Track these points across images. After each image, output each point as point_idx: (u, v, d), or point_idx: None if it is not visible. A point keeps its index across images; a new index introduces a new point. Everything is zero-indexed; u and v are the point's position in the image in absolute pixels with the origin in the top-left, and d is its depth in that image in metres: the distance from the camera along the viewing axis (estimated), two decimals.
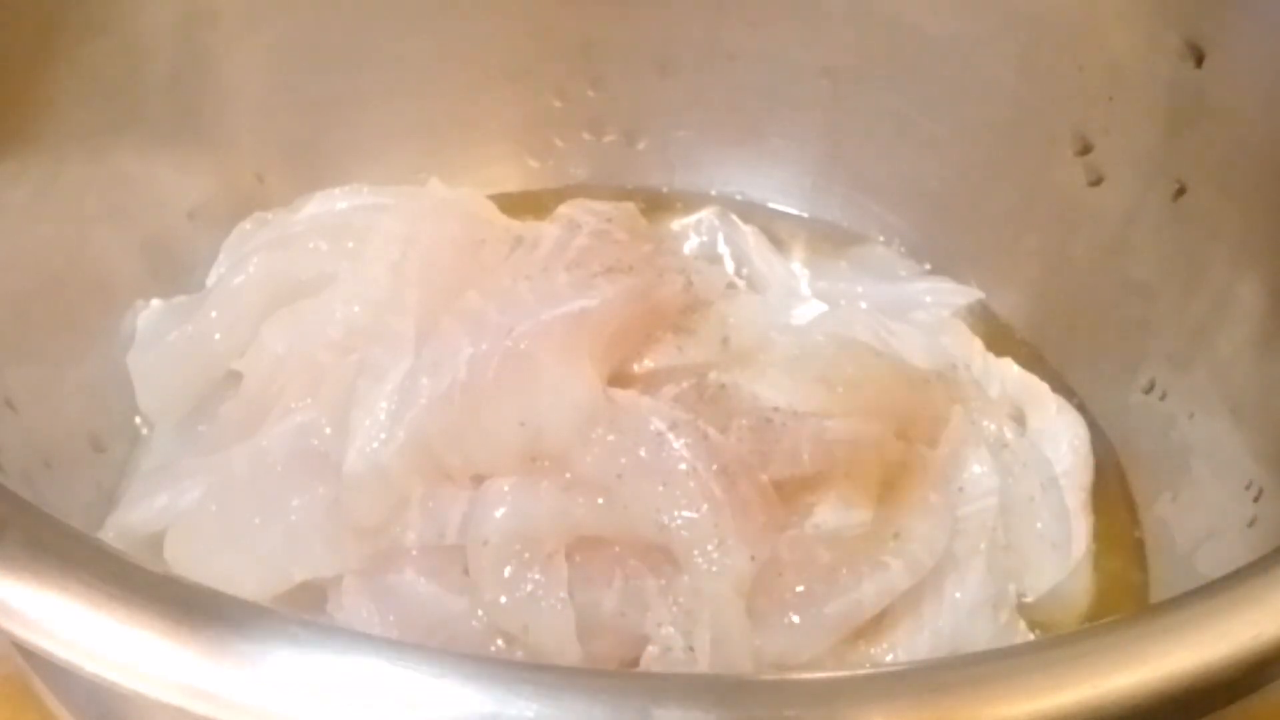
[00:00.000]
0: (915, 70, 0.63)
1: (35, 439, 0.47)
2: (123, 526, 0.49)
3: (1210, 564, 0.49)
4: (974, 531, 0.48)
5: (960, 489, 0.49)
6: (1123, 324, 0.57)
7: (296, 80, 0.62)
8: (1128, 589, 0.52)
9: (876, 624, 0.45)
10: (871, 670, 0.38)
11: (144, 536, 0.48)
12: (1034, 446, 0.53)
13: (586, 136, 0.69)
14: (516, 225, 0.58)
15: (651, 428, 0.46)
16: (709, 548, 0.43)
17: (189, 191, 0.58)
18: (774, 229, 0.67)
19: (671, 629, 0.42)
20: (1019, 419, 0.55)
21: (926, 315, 0.62)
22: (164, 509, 0.49)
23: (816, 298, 0.64)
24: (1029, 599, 0.50)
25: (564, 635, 0.43)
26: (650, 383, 0.49)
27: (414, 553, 0.46)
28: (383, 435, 0.46)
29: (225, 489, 0.47)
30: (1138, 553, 0.54)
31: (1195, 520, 0.51)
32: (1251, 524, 0.46)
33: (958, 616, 0.46)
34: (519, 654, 0.43)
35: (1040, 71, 0.58)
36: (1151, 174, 0.54)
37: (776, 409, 0.48)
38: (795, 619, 0.44)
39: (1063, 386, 0.58)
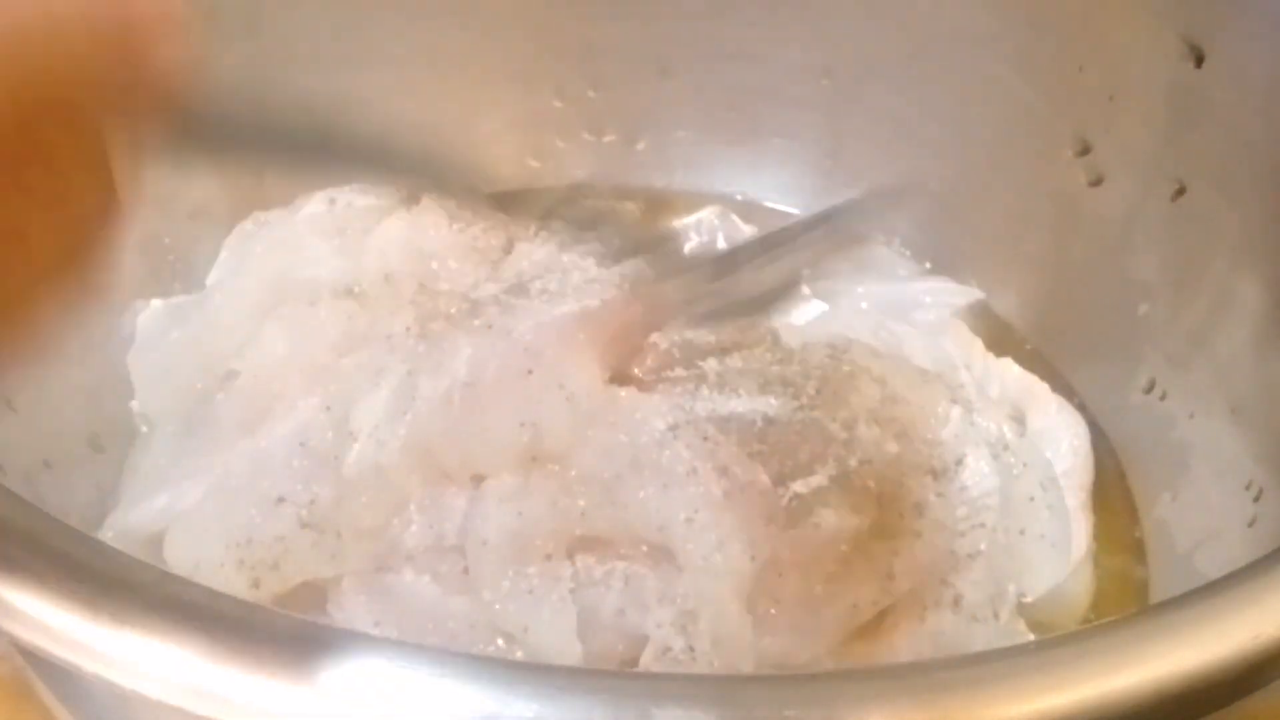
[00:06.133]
0: (915, 70, 0.63)
1: (35, 439, 0.47)
2: (123, 526, 0.49)
3: (1210, 564, 0.49)
4: (974, 531, 0.48)
5: (960, 489, 0.49)
6: (1123, 324, 0.57)
7: (296, 80, 0.62)
8: (1128, 589, 0.52)
9: (876, 624, 0.45)
10: (871, 670, 0.38)
11: (144, 536, 0.48)
12: (1034, 446, 0.53)
13: (586, 136, 0.69)
14: (516, 225, 0.59)
15: (652, 427, 0.46)
16: (709, 548, 0.43)
17: (189, 191, 0.58)
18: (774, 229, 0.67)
19: (671, 629, 0.42)
20: (1019, 419, 0.55)
21: (926, 315, 0.62)
22: (164, 509, 0.49)
23: (816, 298, 0.64)
24: (1029, 599, 0.50)
25: (564, 635, 0.43)
26: (650, 382, 0.49)
27: (414, 553, 0.46)
28: (383, 435, 0.46)
29: (225, 489, 0.47)
30: (1138, 553, 0.54)
31: (1195, 520, 0.51)
32: (1251, 524, 0.46)
33: (958, 616, 0.46)
34: (519, 654, 0.43)
35: (1040, 71, 0.58)
36: (1151, 174, 0.54)
37: (776, 409, 0.48)
38: (795, 619, 0.44)
39: (1063, 386, 0.58)
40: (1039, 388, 0.57)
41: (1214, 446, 0.51)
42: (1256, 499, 0.47)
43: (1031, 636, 0.48)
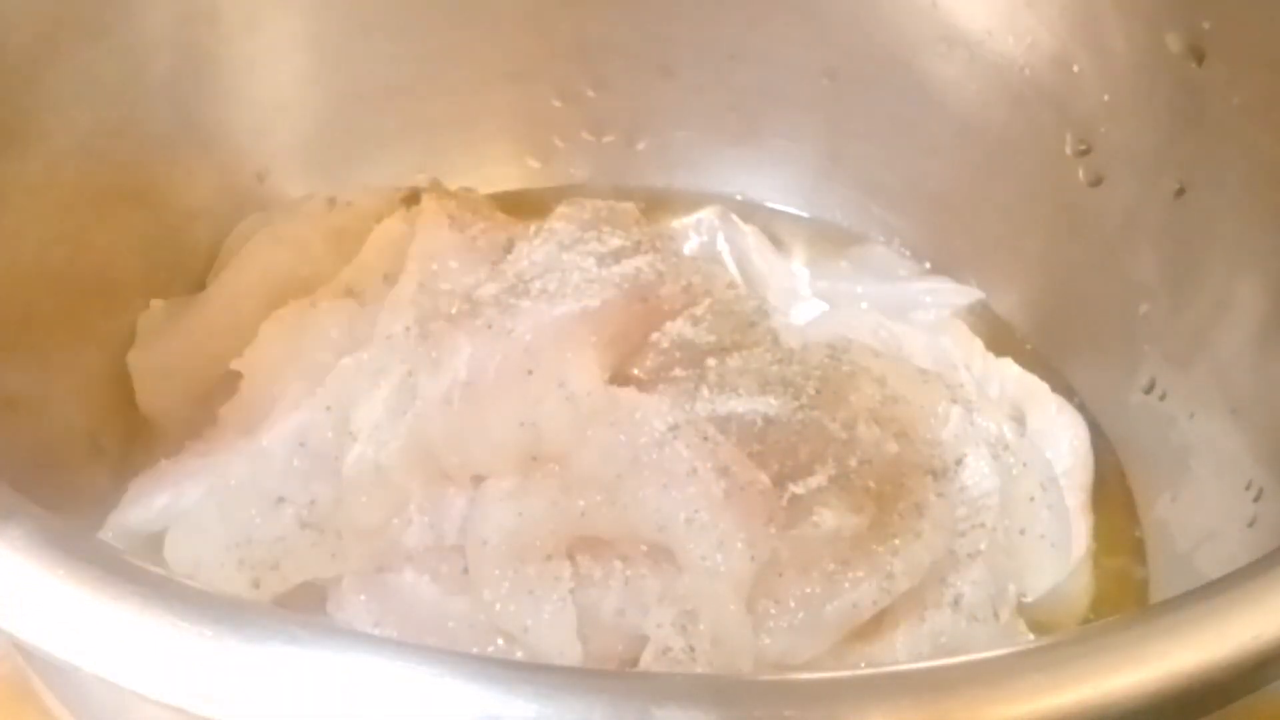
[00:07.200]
0: (915, 70, 0.63)
1: (35, 439, 0.47)
2: (123, 526, 0.49)
3: (1210, 564, 0.49)
4: (974, 531, 0.48)
5: (960, 489, 0.49)
6: (1123, 324, 0.57)
7: (296, 80, 0.62)
8: (1128, 589, 0.52)
9: (876, 624, 0.45)
10: (871, 670, 0.38)
11: (144, 536, 0.48)
12: (1034, 446, 0.53)
13: (586, 136, 0.69)
14: (516, 225, 0.59)
15: (652, 427, 0.46)
16: (709, 548, 0.43)
17: (189, 191, 0.58)
18: (774, 229, 0.67)
19: (671, 629, 0.42)
20: (1019, 419, 0.55)
21: (926, 315, 0.62)
22: (164, 509, 0.49)
23: (816, 298, 0.64)
24: (1029, 599, 0.50)
25: (564, 635, 0.43)
26: (650, 382, 0.49)
27: (414, 553, 0.46)
28: (383, 435, 0.46)
29: (225, 489, 0.47)
30: (1138, 553, 0.54)
31: (1195, 520, 0.51)
32: (1251, 524, 0.46)
33: (958, 616, 0.46)
34: (519, 654, 0.43)
35: (1040, 71, 0.58)
36: (1151, 174, 0.54)
37: (776, 409, 0.48)
38: (795, 619, 0.44)
39: (1063, 386, 0.58)
40: (1039, 388, 0.57)
41: (1214, 446, 0.51)
42: (1256, 499, 0.47)
43: (1031, 636, 0.48)
